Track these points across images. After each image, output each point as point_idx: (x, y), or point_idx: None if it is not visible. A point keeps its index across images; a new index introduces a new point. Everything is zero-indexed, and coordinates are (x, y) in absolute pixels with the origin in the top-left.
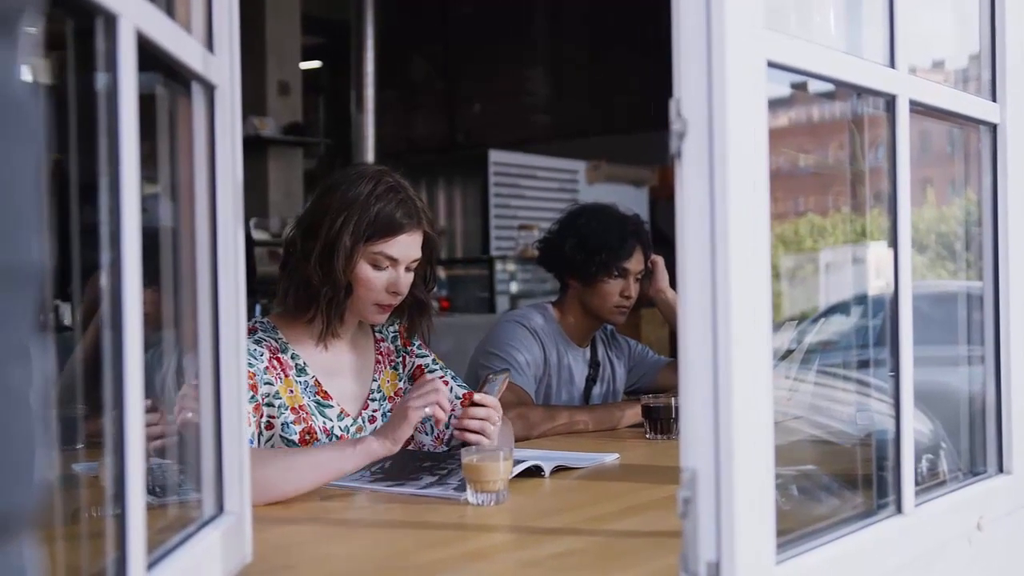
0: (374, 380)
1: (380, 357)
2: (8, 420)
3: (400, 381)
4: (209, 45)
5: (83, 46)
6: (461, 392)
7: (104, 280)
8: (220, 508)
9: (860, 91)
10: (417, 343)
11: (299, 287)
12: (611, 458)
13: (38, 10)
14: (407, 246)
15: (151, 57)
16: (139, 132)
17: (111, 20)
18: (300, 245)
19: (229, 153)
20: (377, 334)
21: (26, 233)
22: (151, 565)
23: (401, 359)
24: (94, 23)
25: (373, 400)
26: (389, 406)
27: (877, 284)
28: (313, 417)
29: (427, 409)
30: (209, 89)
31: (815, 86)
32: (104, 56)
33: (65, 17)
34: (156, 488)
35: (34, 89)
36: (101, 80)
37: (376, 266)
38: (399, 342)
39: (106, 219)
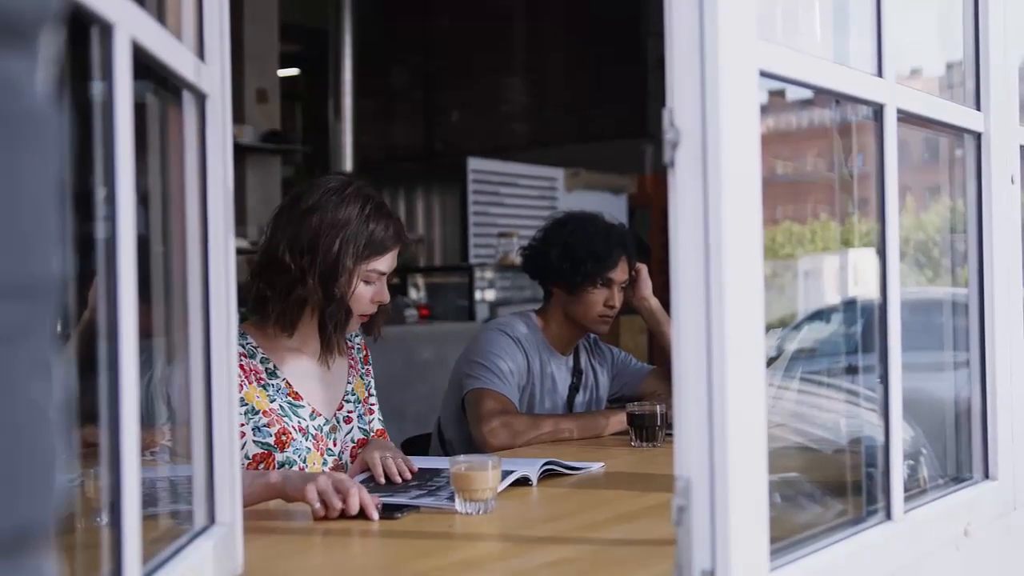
0: (348, 383)
1: (352, 362)
2: (31, 434)
3: (366, 390)
4: (200, 54)
5: (76, 54)
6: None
7: (99, 289)
8: (211, 519)
9: (849, 100)
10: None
11: (295, 304)
12: (597, 467)
13: (56, 23)
14: (393, 259)
15: (142, 66)
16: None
17: (107, 29)
18: (293, 265)
19: (220, 162)
20: (347, 341)
21: (46, 246)
22: None
23: (364, 372)
24: (88, 31)
25: (348, 401)
26: (362, 409)
27: (857, 291)
28: (285, 418)
29: (316, 505)
30: (200, 98)
31: (791, 94)
32: (99, 65)
33: (58, 26)
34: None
35: (53, 101)
36: (96, 88)
37: (367, 281)
38: (361, 355)
39: (101, 228)
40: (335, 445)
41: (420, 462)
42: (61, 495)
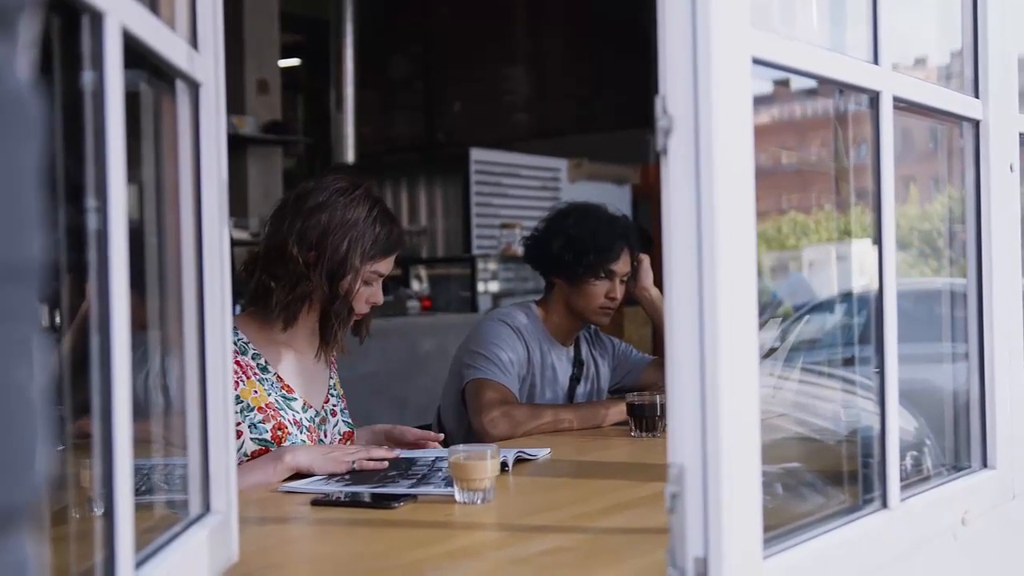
0: (331, 377)
1: (332, 359)
2: (12, 416)
3: (340, 387)
4: (193, 43)
5: (66, 43)
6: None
7: (91, 281)
8: (207, 507)
9: (844, 87)
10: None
11: (299, 298)
12: (544, 453)
13: (37, 8)
14: (392, 263)
15: (135, 55)
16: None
17: (97, 17)
18: (300, 260)
19: (214, 152)
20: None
21: (28, 229)
22: (139, 564)
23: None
24: (79, 20)
25: (332, 395)
26: (343, 404)
27: (860, 282)
28: (282, 412)
29: (355, 464)
30: (194, 87)
31: (796, 84)
32: (90, 54)
33: (48, 14)
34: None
35: (34, 86)
36: (87, 78)
37: (367, 283)
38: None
39: (93, 219)
40: (325, 436)
41: (411, 454)
42: (44, 477)
